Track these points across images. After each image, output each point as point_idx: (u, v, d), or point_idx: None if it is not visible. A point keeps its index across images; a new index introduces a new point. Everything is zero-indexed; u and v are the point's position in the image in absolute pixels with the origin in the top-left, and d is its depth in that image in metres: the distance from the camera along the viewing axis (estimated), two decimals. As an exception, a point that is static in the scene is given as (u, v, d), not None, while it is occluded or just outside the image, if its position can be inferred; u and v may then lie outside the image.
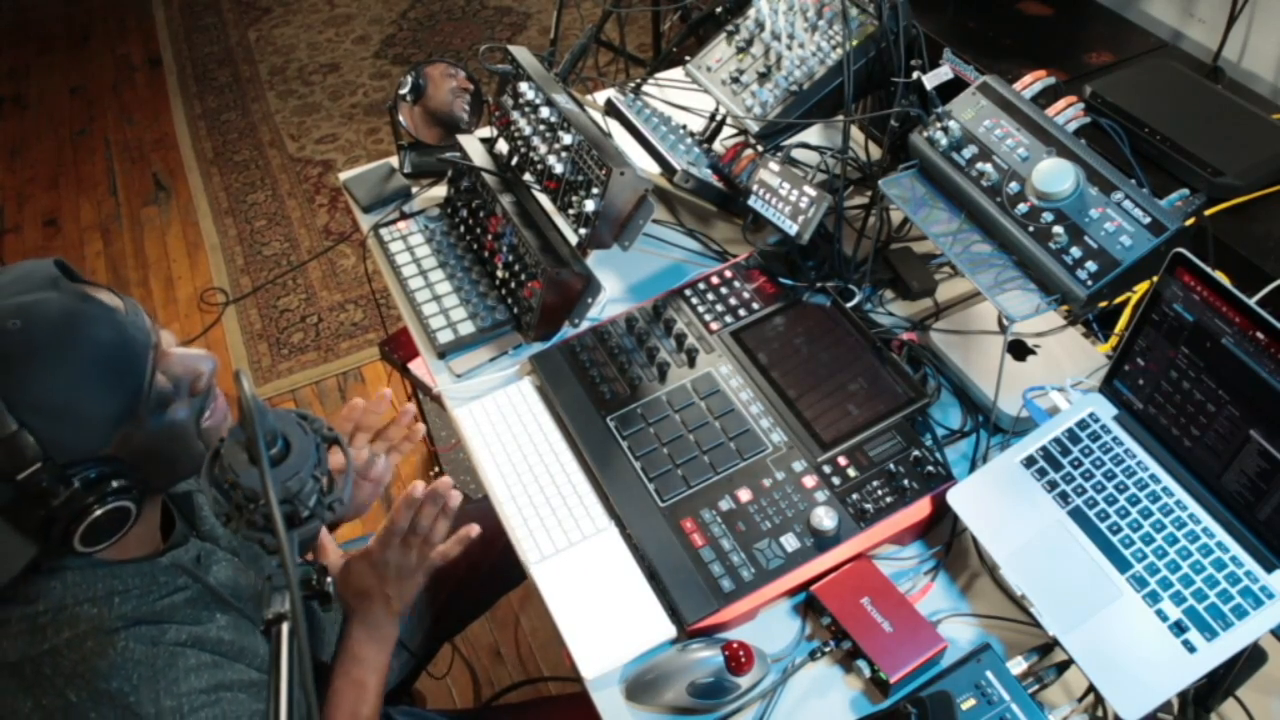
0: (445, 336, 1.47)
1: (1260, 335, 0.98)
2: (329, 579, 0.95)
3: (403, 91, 1.69)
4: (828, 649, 1.12)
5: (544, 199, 1.51)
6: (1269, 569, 1.01)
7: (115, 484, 0.88)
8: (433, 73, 1.73)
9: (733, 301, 1.45)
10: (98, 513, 0.87)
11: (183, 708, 0.92)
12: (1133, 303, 1.35)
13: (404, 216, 1.68)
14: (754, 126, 1.52)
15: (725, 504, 1.21)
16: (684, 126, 1.67)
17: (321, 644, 1.23)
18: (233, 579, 1.07)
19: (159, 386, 0.92)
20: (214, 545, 1.09)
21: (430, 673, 1.68)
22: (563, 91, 1.53)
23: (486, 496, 1.32)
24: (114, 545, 0.95)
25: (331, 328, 2.97)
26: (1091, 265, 1.17)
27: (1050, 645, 1.09)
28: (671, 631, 1.13)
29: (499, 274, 1.52)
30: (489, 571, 1.54)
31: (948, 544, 1.21)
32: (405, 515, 1.16)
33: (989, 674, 1.05)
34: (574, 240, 1.44)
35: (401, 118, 1.71)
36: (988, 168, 1.27)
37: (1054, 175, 1.21)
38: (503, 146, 1.60)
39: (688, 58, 1.66)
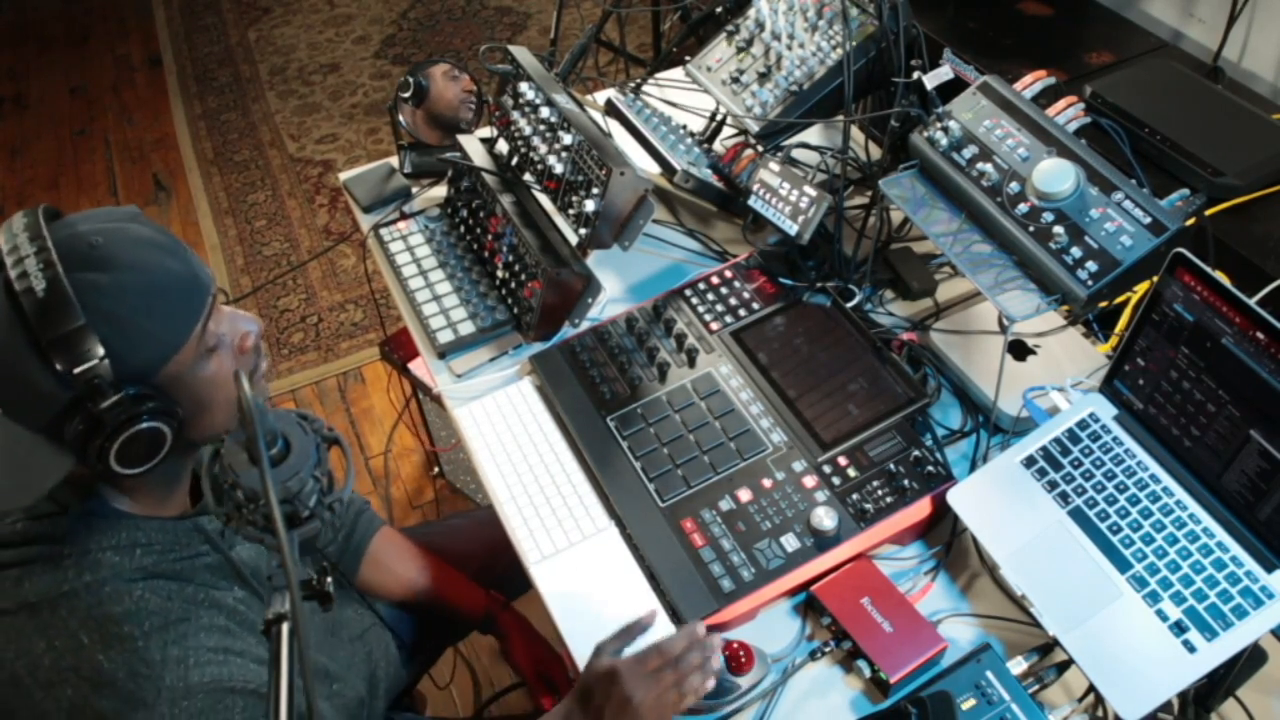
0: (445, 336, 1.47)
1: (1260, 335, 0.98)
2: (329, 580, 0.95)
3: (404, 95, 1.69)
4: (828, 649, 1.12)
5: (544, 199, 1.51)
6: (1269, 569, 1.01)
7: (154, 404, 0.91)
8: (435, 73, 1.73)
9: (733, 301, 1.45)
10: (137, 428, 0.89)
11: (188, 659, 0.93)
12: (1133, 303, 1.35)
13: (404, 216, 1.68)
14: (754, 126, 1.52)
15: (725, 504, 1.21)
16: (684, 126, 1.67)
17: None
18: (255, 560, 1.08)
19: (209, 333, 0.97)
20: None
21: (433, 679, 1.68)
22: (563, 91, 1.53)
23: (492, 507, 1.31)
24: (143, 496, 0.98)
25: (331, 328, 2.97)
26: (1092, 265, 1.17)
27: (1050, 645, 1.09)
28: (672, 631, 1.13)
29: (499, 274, 1.52)
30: (500, 579, 1.53)
31: (948, 544, 1.21)
32: (680, 643, 1.03)
33: (989, 674, 1.05)
34: (574, 240, 1.44)
35: (402, 118, 1.71)
36: (988, 168, 1.27)
37: (1054, 175, 1.21)
38: (503, 146, 1.60)
39: (688, 58, 1.66)
